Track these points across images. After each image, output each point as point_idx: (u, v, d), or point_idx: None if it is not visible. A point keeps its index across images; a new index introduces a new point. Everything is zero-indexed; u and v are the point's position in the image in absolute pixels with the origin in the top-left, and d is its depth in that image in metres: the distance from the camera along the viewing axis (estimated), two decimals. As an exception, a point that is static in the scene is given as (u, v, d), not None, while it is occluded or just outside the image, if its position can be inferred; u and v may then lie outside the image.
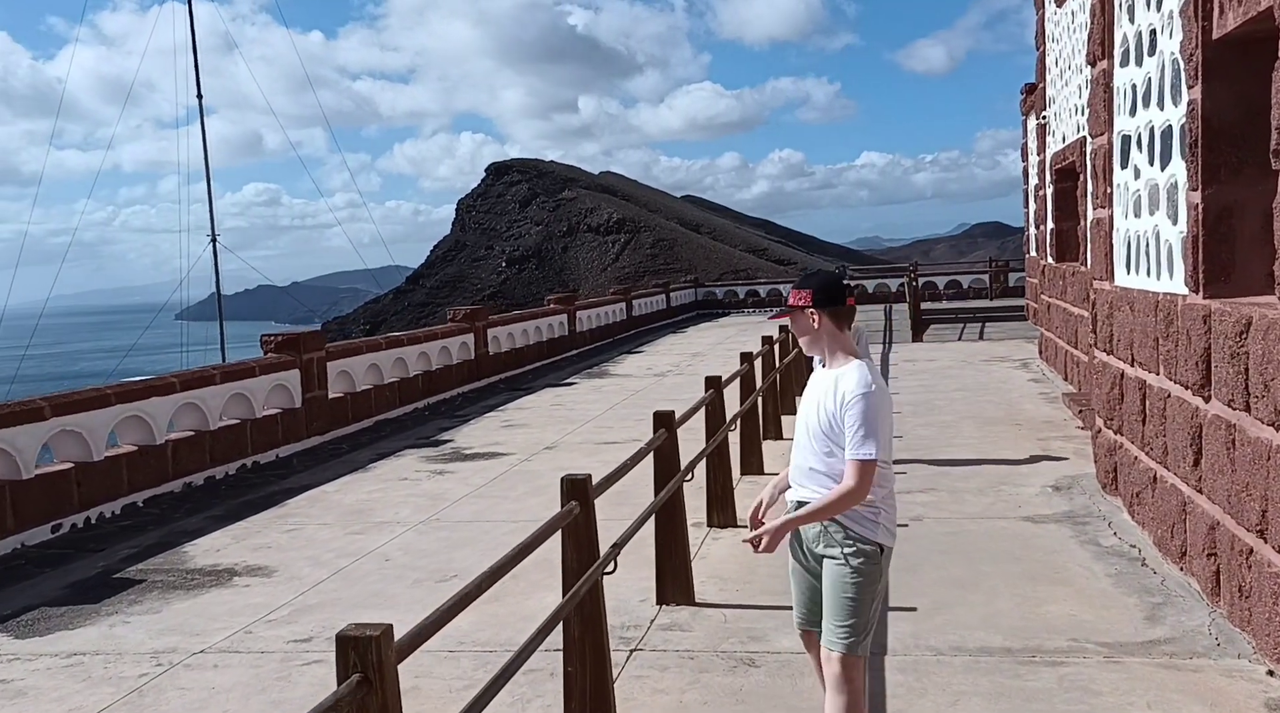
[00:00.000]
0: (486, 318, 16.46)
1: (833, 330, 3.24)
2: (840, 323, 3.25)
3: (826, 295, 3.23)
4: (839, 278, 3.34)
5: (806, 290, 3.26)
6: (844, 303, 3.26)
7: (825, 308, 3.23)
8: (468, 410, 13.60)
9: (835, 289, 3.26)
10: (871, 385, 3.12)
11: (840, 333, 3.24)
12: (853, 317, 3.31)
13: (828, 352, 3.27)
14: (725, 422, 7.02)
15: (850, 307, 3.29)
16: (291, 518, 7.94)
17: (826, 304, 3.23)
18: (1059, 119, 13.03)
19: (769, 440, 9.98)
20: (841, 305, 3.25)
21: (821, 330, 3.24)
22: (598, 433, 11.19)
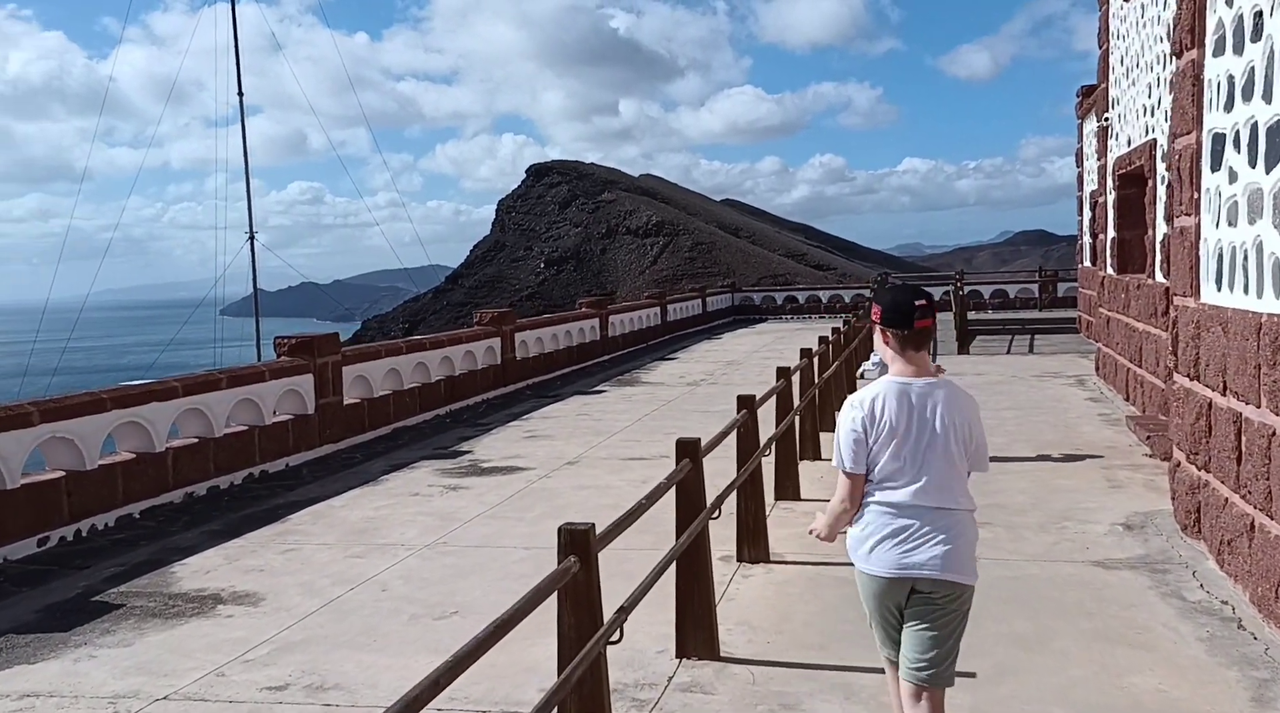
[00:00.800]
0: (514, 322, 15.93)
1: (897, 349, 3.20)
2: (905, 344, 3.18)
3: (891, 316, 3.19)
4: (910, 298, 3.16)
5: (877, 306, 3.26)
6: (910, 326, 3.15)
7: (891, 328, 3.20)
8: (491, 419, 13.06)
9: (901, 311, 3.16)
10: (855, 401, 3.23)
11: (904, 352, 3.19)
12: (923, 340, 3.19)
13: (895, 365, 3.23)
14: (759, 446, 6.36)
15: (918, 330, 3.16)
16: (291, 536, 7.42)
17: (891, 325, 3.19)
18: (1123, 121, 12.18)
19: (806, 461, 9.30)
20: (907, 328, 3.16)
21: (889, 347, 3.22)
22: (624, 447, 10.58)
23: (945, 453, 3.12)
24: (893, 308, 3.18)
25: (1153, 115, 10.45)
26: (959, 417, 3.15)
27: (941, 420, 3.13)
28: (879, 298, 3.27)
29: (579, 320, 19.31)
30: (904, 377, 3.17)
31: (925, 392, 3.15)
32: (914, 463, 3.11)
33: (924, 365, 3.20)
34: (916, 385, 3.16)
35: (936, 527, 3.10)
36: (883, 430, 3.14)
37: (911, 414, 3.13)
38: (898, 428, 3.12)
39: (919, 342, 3.18)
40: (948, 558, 3.10)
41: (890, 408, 3.14)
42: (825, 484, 8.39)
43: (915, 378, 3.17)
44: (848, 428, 3.20)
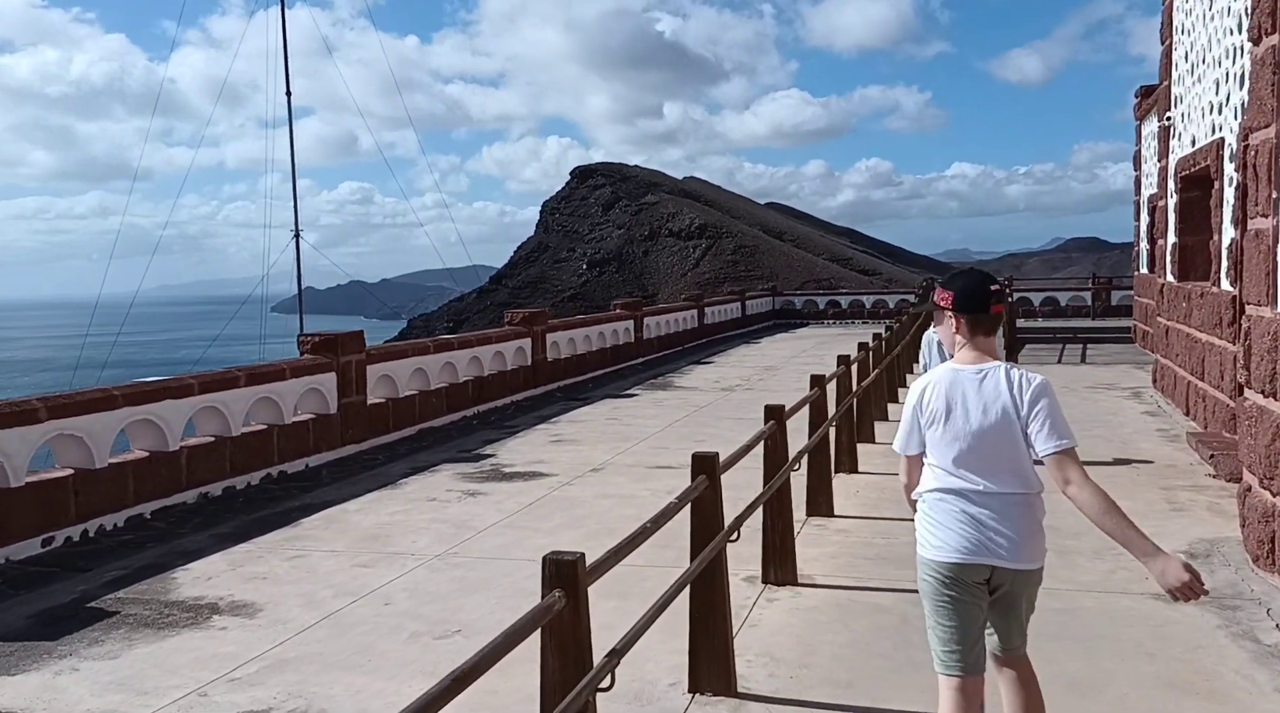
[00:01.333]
0: (546, 322, 15.63)
1: (966, 335, 3.20)
2: (975, 330, 3.19)
3: (966, 300, 3.18)
4: (984, 283, 3.19)
5: (949, 292, 3.23)
6: (985, 311, 3.17)
7: (964, 313, 3.18)
8: (518, 421, 12.75)
9: (976, 295, 3.17)
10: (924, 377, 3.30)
11: (974, 338, 3.19)
12: (994, 325, 3.20)
13: (959, 352, 3.23)
14: (788, 460, 5.94)
15: (992, 315, 3.18)
16: (300, 541, 7.16)
17: (965, 310, 3.18)
18: (1187, 120, 11.51)
19: (842, 474, 8.84)
20: (982, 313, 3.17)
21: (958, 333, 3.22)
22: (652, 454, 10.19)
23: (999, 439, 3.08)
24: (966, 292, 3.18)
25: (1220, 113, 9.81)
26: (1014, 399, 3.08)
27: (994, 405, 3.09)
28: (949, 284, 3.27)
29: (613, 322, 18.97)
30: (964, 364, 3.18)
31: (979, 378, 3.14)
32: (968, 450, 3.11)
33: (990, 351, 3.19)
34: (970, 371, 3.16)
35: (997, 513, 3.09)
36: (934, 417, 3.17)
37: (962, 401, 3.13)
38: (947, 415, 3.14)
39: (990, 327, 3.19)
40: (1013, 546, 3.08)
41: (941, 395, 3.16)
42: (862, 500, 7.93)
43: (975, 365, 3.17)
44: (904, 413, 3.30)
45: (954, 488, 3.13)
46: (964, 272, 3.37)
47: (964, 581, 3.11)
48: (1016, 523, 3.10)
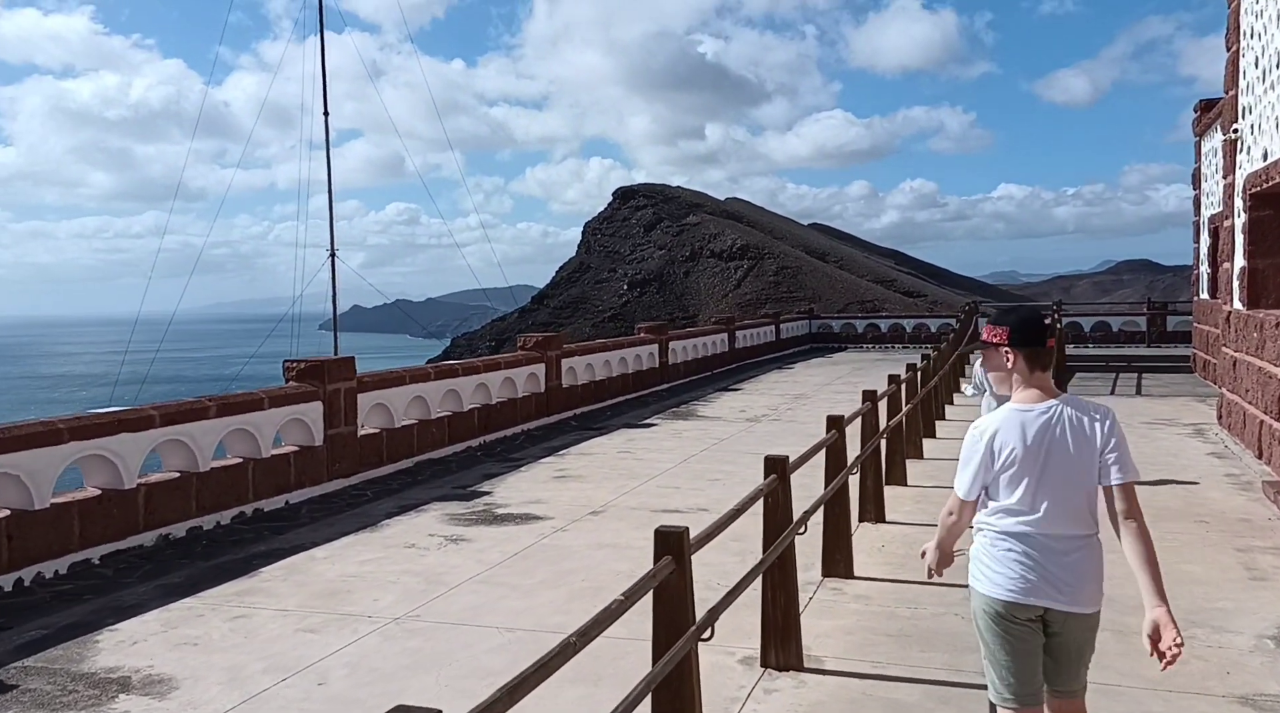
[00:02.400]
0: (561, 347, 14.87)
1: (1024, 371, 3.17)
2: (1034, 365, 3.16)
3: (1023, 335, 3.15)
4: (1039, 317, 3.18)
5: (1003, 327, 3.20)
6: (1042, 345, 3.15)
7: (1022, 348, 3.16)
8: (524, 453, 11.97)
9: (1034, 329, 3.16)
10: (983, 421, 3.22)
11: (1032, 374, 3.17)
12: (1050, 359, 3.17)
13: (1019, 391, 3.19)
14: (791, 521, 5.06)
15: (1049, 349, 3.15)
16: (251, 596, 6.41)
17: (1023, 345, 3.15)
18: (1258, 132, 10.44)
19: (866, 523, 7.90)
20: (1040, 346, 3.15)
21: (1015, 370, 3.19)
22: (660, 495, 9.33)
23: (1067, 479, 3.07)
24: (1023, 326, 3.14)
25: (1299, 122, 8.78)
26: (1083, 436, 3.08)
27: (1062, 445, 3.07)
28: (1001, 320, 3.21)
29: (635, 346, 18.16)
30: (1026, 403, 3.14)
31: (1047, 417, 3.10)
32: (1033, 492, 3.08)
33: (1049, 387, 3.15)
34: (1037, 411, 3.12)
35: (1057, 555, 3.06)
36: (1002, 462, 3.12)
37: (1030, 443, 3.09)
38: (1016, 458, 3.09)
39: (1047, 361, 3.15)
40: (1070, 590, 3.05)
41: (1011, 439, 3.11)
42: (888, 556, 6.99)
43: (1038, 403, 3.13)
44: (966, 456, 3.22)
45: (1014, 530, 3.10)
46: (1013, 307, 3.31)
47: (1017, 618, 3.10)
48: (1076, 567, 3.07)
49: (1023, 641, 3.11)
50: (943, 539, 3.43)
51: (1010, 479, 3.11)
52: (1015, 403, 3.16)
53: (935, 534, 3.45)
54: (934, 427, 12.70)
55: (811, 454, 5.77)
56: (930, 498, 8.90)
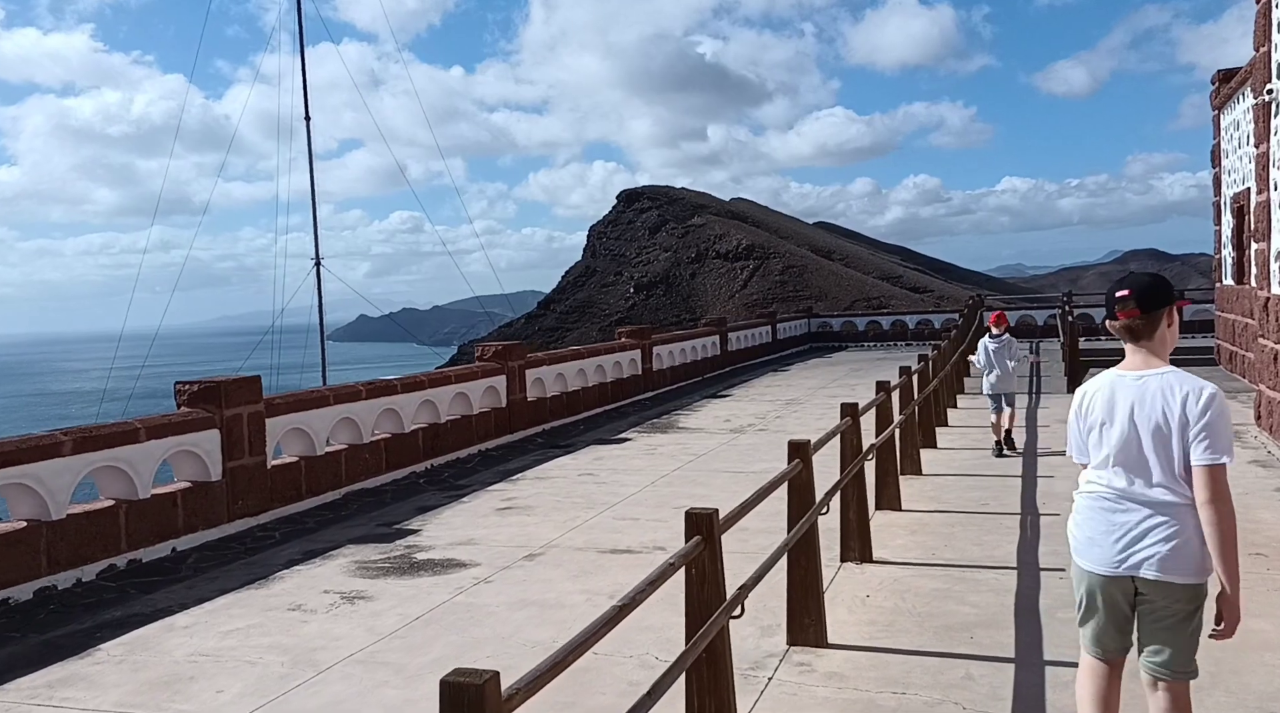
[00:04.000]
0: (524, 357, 13.52)
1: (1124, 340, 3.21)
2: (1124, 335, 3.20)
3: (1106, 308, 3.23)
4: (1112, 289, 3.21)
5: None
6: (1113, 316, 3.20)
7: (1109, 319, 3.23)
8: (474, 479, 10.62)
9: (1107, 303, 3.21)
10: None
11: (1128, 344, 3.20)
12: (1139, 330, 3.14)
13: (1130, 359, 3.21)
14: (724, 597, 3.69)
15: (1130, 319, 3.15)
16: (66, 688, 5.08)
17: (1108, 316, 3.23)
18: (1300, 89, 9.04)
19: (850, 563, 6.54)
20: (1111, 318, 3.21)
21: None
22: (614, 530, 7.97)
23: (1151, 447, 3.03)
24: (1107, 299, 3.21)
25: (1355, 70, 7.38)
26: (1170, 407, 3.02)
27: (1149, 413, 3.05)
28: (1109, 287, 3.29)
29: (614, 353, 16.80)
30: (1123, 370, 3.18)
31: (1136, 384, 3.10)
32: (1121, 456, 3.09)
33: (1149, 357, 3.13)
34: (1128, 378, 3.14)
35: (1149, 522, 3.04)
36: (1091, 423, 3.18)
37: (1116, 407, 3.12)
38: (1102, 421, 3.15)
39: (1131, 335, 3.15)
40: (1164, 558, 3.00)
41: (1099, 401, 3.17)
42: (873, 612, 5.62)
43: (1132, 370, 3.15)
44: (1070, 419, 3.30)
45: (1101, 493, 3.15)
46: (1120, 279, 3.25)
47: (1105, 584, 3.12)
48: (1161, 533, 3.02)
49: (1109, 604, 3.14)
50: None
51: (1095, 442, 3.18)
52: (1117, 369, 3.21)
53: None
54: (934, 436, 11.31)
55: (752, 505, 4.40)
56: (929, 526, 7.53)
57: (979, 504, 8.29)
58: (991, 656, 4.90)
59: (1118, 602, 3.12)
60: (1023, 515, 7.76)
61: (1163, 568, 2.98)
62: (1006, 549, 6.79)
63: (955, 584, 6.06)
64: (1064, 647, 4.96)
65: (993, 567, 6.41)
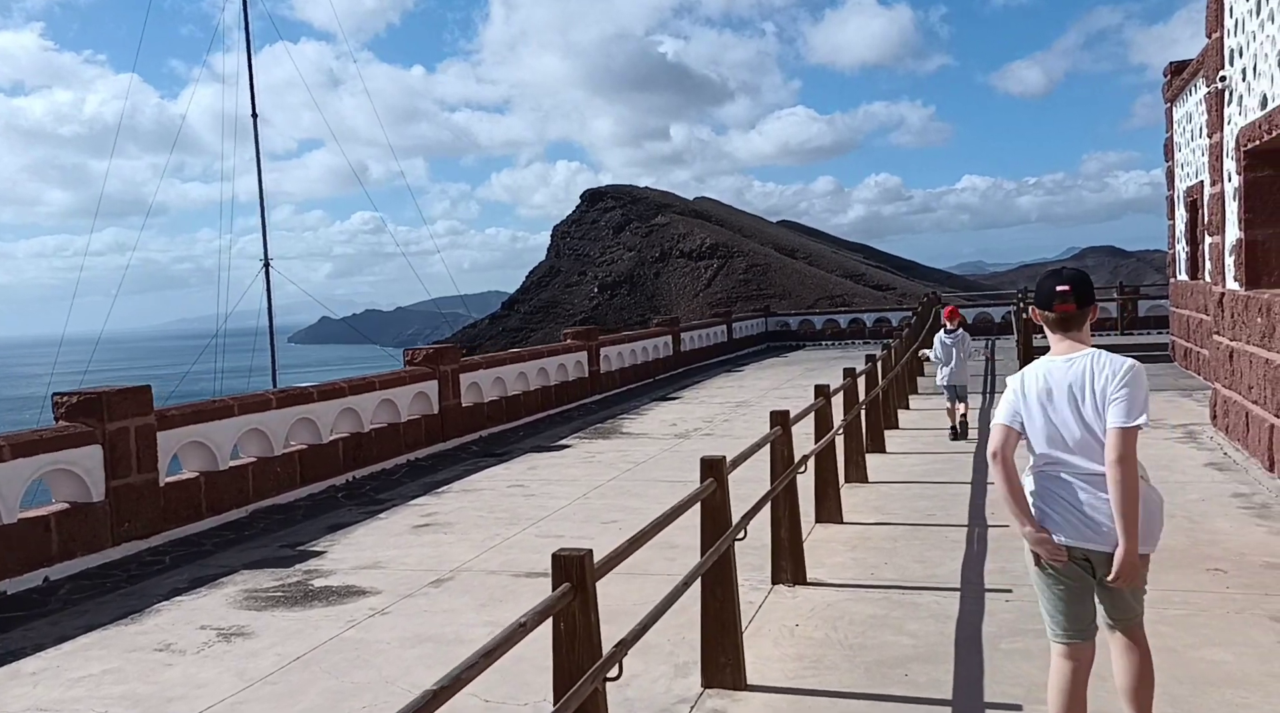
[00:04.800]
0: (458, 361, 12.86)
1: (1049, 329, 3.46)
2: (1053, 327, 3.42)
3: (1038, 298, 3.44)
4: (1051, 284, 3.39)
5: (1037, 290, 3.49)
6: (1050, 308, 3.38)
7: (1039, 310, 3.45)
8: (395, 492, 9.97)
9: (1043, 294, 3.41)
10: None
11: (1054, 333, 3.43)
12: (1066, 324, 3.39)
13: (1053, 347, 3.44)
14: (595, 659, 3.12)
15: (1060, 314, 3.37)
16: None
17: (1039, 306, 3.45)
18: (1254, 75, 8.68)
19: (781, 586, 6.01)
20: (1048, 310, 3.39)
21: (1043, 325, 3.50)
22: (535, 549, 7.37)
23: (1094, 419, 3.20)
24: (1039, 291, 3.44)
25: (1311, 53, 7.00)
26: (1097, 381, 3.23)
27: (1083, 389, 3.24)
28: (1039, 281, 3.48)
29: (558, 355, 16.19)
30: (1053, 356, 3.38)
31: (1068, 367, 3.30)
32: (1065, 435, 3.25)
33: (1076, 344, 3.35)
34: (1059, 362, 3.33)
35: (1092, 497, 3.19)
36: (1030, 404, 3.34)
37: (1055, 389, 3.29)
38: (1040, 401, 3.31)
39: (1062, 325, 3.37)
40: (1108, 530, 3.17)
41: (1038, 385, 3.35)
42: (800, 641, 5.08)
43: (1062, 356, 3.35)
44: (1005, 395, 3.45)
45: (1050, 473, 3.29)
46: (1053, 271, 3.46)
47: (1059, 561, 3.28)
48: (1105, 508, 3.17)
49: (1070, 580, 3.27)
50: (1009, 488, 3.34)
51: (1037, 424, 3.31)
52: (1049, 357, 3.39)
53: (998, 490, 3.39)
54: (883, 441, 10.85)
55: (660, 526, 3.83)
56: (871, 541, 7.03)
57: (925, 515, 7.81)
58: (927, 697, 4.38)
59: (1078, 574, 3.27)
60: (970, 528, 7.28)
61: (1108, 541, 3.17)
62: (950, 567, 6.29)
63: (894, 609, 5.55)
64: (1006, 684, 4.45)
65: (935, 588, 5.91)
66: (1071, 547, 3.22)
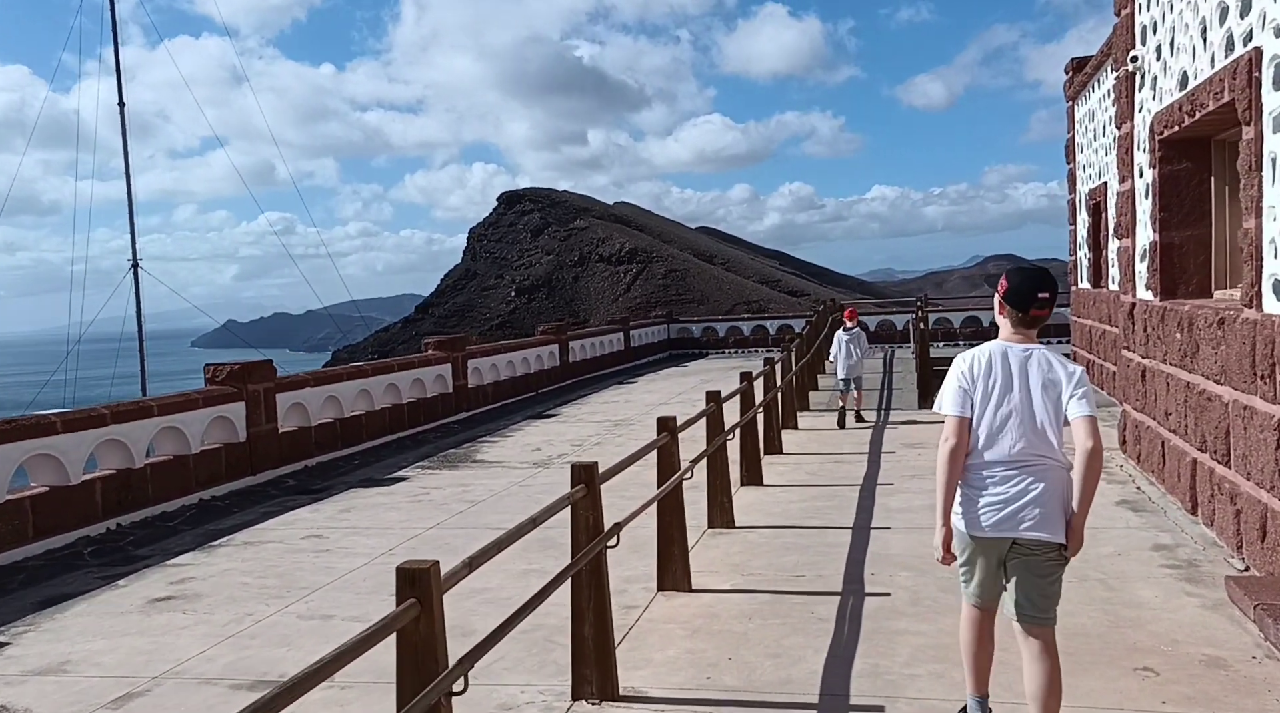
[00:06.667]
0: (273, 378, 10.93)
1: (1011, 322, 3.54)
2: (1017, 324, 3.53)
3: (1014, 299, 3.50)
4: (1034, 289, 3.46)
5: (1006, 282, 3.55)
6: (1026, 313, 3.48)
7: (1009, 307, 3.53)
8: (158, 546, 8.03)
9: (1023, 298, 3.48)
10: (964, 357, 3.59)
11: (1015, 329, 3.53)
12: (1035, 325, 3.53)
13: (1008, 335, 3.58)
14: None
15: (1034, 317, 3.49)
16: None
17: (1011, 305, 3.51)
18: (1173, 52, 7.50)
19: (585, 704, 4.39)
20: (1023, 313, 3.49)
21: (1005, 318, 3.56)
22: (288, 638, 5.60)
23: (1036, 412, 3.39)
24: (1016, 291, 3.48)
25: (1244, 15, 5.77)
26: (1052, 374, 3.42)
27: (1034, 378, 3.42)
28: (1010, 275, 3.53)
29: (414, 369, 14.34)
30: (1008, 341, 3.53)
31: (1022, 355, 3.47)
32: (1007, 420, 3.41)
33: (1029, 338, 3.52)
34: (1015, 349, 3.50)
35: (1029, 484, 3.37)
36: (980, 385, 3.47)
37: (1003, 374, 3.45)
38: (993, 383, 3.45)
39: (1030, 326, 3.51)
40: (1041, 518, 3.35)
41: (987, 366, 3.48)
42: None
43: (1018, 344, 3.50)
44: (950, 380, 3.56)
45: (987, 459, 3.42)
46: (1027, 270, 3.54)
47: (985, 546, 3.47)
48: (1041, 495, 3.36)
49: (989, 559, 3.48)
50: (947, 488, 3.50)
51: (983, 406, 3.45)
52: (1001, 339, 3.56)
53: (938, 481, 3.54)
54: (760, 471, 9.38)
55: None
56: (719, 621, 5.48)
57: (792, 575, 6.32)
58: None
59: (997, 558, 3.47)
60: (843, 598, 5.81)
61: (1045, 528, 3.36)
62: (811, 665, 4.77)
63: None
64: None
65: (786, 704, 4.38)
66: (995, 537, 3.41)
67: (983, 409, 3.41)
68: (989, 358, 3.45)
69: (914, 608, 5.48)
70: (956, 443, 3.44)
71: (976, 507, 3.40)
